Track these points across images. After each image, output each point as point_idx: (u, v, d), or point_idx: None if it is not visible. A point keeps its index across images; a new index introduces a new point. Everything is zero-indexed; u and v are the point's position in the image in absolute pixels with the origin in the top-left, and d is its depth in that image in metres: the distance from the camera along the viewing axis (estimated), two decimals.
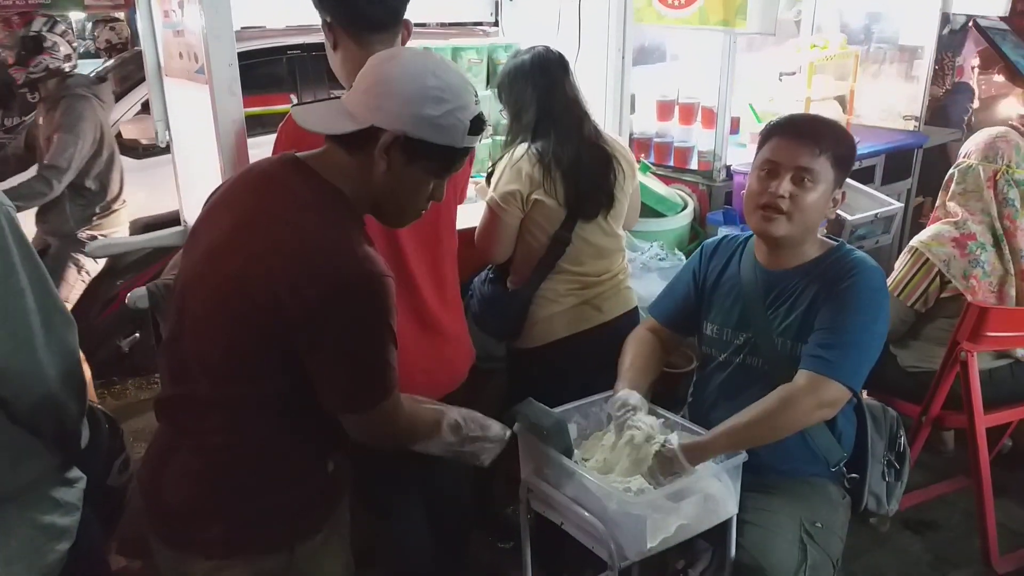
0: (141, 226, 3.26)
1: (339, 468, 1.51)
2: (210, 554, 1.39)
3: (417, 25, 2.08)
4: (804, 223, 1.79)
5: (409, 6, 1.87)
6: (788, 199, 1.75)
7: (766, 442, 1.73)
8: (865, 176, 3.74)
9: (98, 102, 3.65)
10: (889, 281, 2.72)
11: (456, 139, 1.36)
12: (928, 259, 2.62)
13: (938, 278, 2.62)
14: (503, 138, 2.87)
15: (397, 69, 1.35)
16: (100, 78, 4.25)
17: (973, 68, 5.12)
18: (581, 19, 2.58)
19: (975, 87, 5.18)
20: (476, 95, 1.40)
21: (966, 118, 5.10)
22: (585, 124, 2.24)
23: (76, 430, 1.46)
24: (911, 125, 4.13)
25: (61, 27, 3.65)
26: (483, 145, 2.87)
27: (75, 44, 3.82)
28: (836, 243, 1.89)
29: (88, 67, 6.32)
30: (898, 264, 2.74)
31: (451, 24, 3.22)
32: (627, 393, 1.83)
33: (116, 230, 3.73)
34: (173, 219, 2.78)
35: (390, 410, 1.40)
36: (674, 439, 1.66)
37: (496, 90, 2.32)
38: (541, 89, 2.18)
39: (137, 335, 3.73)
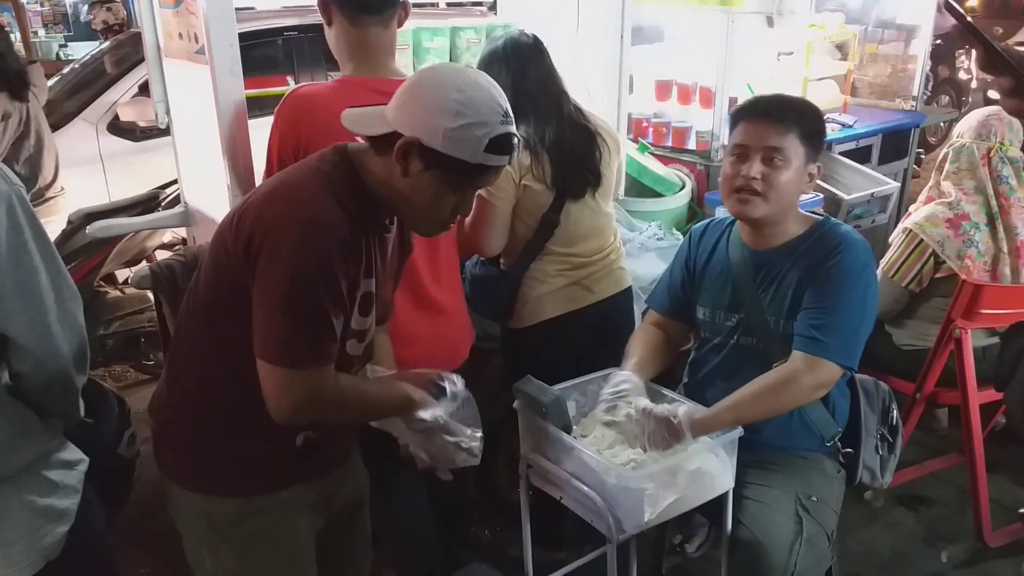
0: (83, 216, 3.13)
1: (310, 446, 1.53)
2: (174, 479, 1.53)
3: (419, 6, 2.09)
4: (780, 202, 1.81)
5: None
6: (761, 180, 1.78)
7: (766, 417, 1.77)
8: (862, 155, 3.75)
9: None
10: (883, 262, 2.75)
11: (468, 154, 1.36)
12: (922, 240, 2.64)
13: (932, 258, 2.65)
14: None
15: (429, 79, 1.40)
16: (30, 60, 4.14)
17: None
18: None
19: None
20: (507, 116, 1.40)
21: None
22: (564, 103, 2.22)
23: (77, 403, 1.48)
24: (908, 105, 4.14)
25: None
26: None
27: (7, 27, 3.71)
28: (820, 218, 1.91)
29: (84, 48, 6.31)
30: (892, 245, 2.76)
31: (451, 4, 3.20)
32: (624, 375, 1.84)
33: (52, 219, 3.50)
34: (121, 208, 2.74)
35: (303, 383, 1.35)
36: (680, 410, 1.69)
37: None
38: (515, 71, 2.16)
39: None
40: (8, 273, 1.28)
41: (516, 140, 1.43)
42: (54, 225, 3.39)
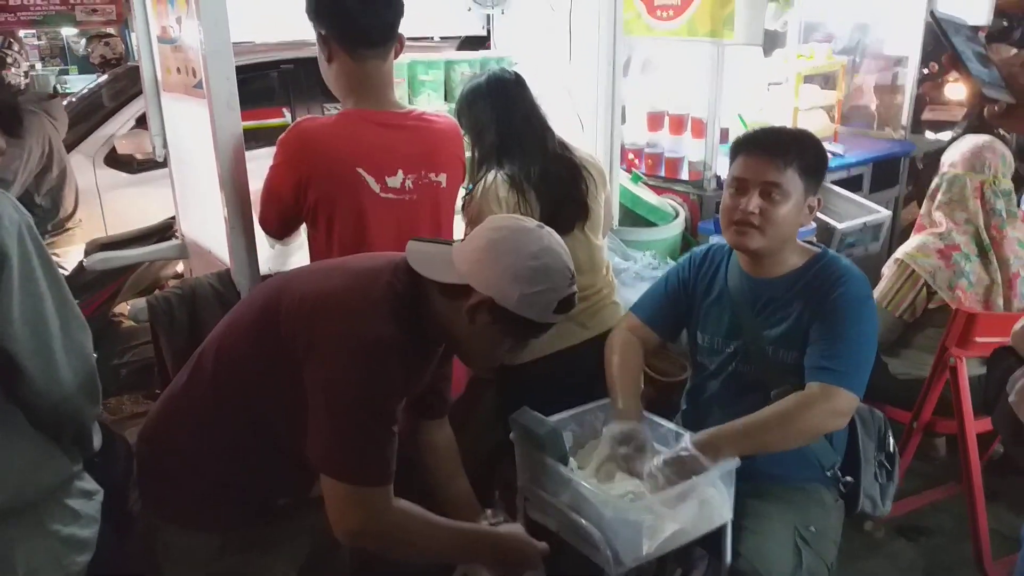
0: (98, 246, 3.20)
1: (290, 510, 1.58)
2: (156, 511, 1.56)
3: (412, 39, 2.12)
4: (777, 235, 1.81)
5: (405, 20, 1.91)
6: (759, 214, 1.79)
7: (777, 448, 1.74)
8: (853, 184, 3.78)
9: (48, 118, 3.64)
10: (876, 292, 2.75)
11: (538, 315, 1.46)
12: (914, 270, 2.65)
13: (924, 289, 2.65)
14: None
15: (507, 242, 1.47)
16: (51, 95, 4.23)
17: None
18: (572, 32, 2.61)
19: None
20: (572, 277, 1.50)
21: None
22: (548, 139, 2.24)
23: (90, 433, 1.50)
24: (898, 134, 4.18)
25: (16, 45, 3.65)
26: None
27: (30, 61, 3.82)
28: (819, 250, 1.92)
29: (82, 82, 6.35)
30: (884, 275, 2.77)
31: (445, 38, 3.24)
32: (629, 429, 1.81)
33: (70, 250, 3.58)
34: (136, 238, 2.78)
35: (371, 501, 1.38)
36: (686, 440, 1.68)
37: (456, 115, 2.29)
38: (499, 108, 2.19)
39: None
40: (16, 299, 1.29)
41: (576, 296, 1.52)
42: (73, 255, 3.49)
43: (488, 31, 3.09)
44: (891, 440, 2.05)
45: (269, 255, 2.14)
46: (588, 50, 2.69)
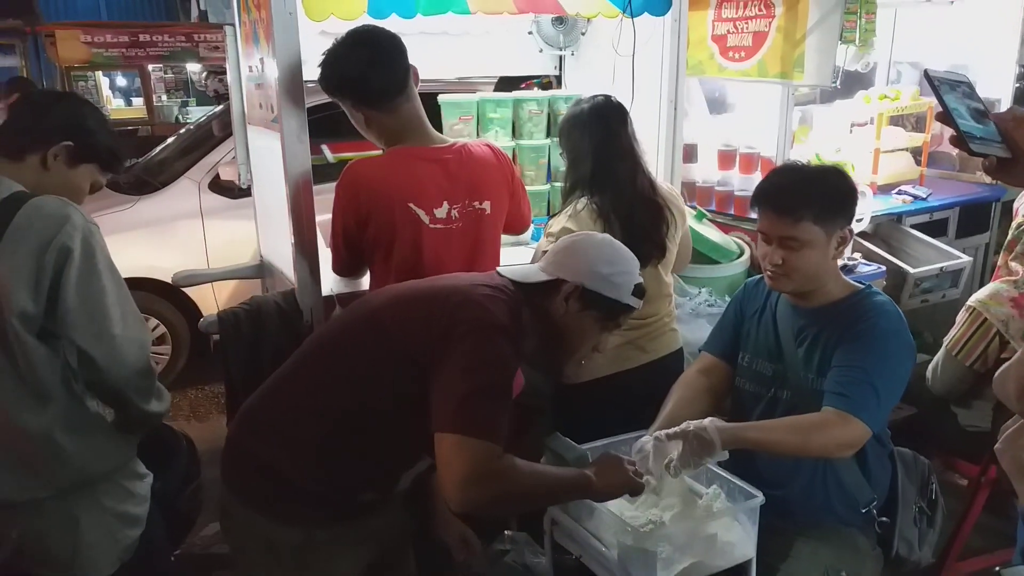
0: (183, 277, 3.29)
1: (372, 503, 1.70)
2: (242, 499, 1.64)
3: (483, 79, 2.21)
4: (808, 276, 1.87)
5: (478, 61, 2.04)
6: (782, 264, 1.86)
7: (788, 455, 1.81)
8: (937, 229, 3.66)
9: None
10: (947, 339, 2.67)
11: (622, 295, 1.73)
12: (986, 319, 2.56)
13: (997, 338, 2.55)
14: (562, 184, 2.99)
15: (583, 241, 1.80)
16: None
17: None
18: (635, 72, 2.68)
19: None
20: (638, 267, 1.80)
21: None
22: (639, 176, 2.31)
23: (147, 415, 1.67)
24: (988, 178, 4.02)
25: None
26: (542, 191, 2.99)
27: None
28: (862, 286, 1.94)
29: (199, 112, 6.86)
30: (956, 322, 2.68)
31: (513, 77, 3.38)
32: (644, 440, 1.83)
33: None
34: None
35: (488, 453, 1.47)
36: (708, 423, 1.70)
37: (558, 137, 2.42)
38: (597, 140, 2.26)
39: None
40: (77, 290, 1.49)
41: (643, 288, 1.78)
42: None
43: (560, 71, 3.21)
44: (935, 487, 2.02)
45: (333, 279, 2.29)
46: (651, 90, 2.75)
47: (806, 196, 1.84)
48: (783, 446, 1.75)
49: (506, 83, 3.51)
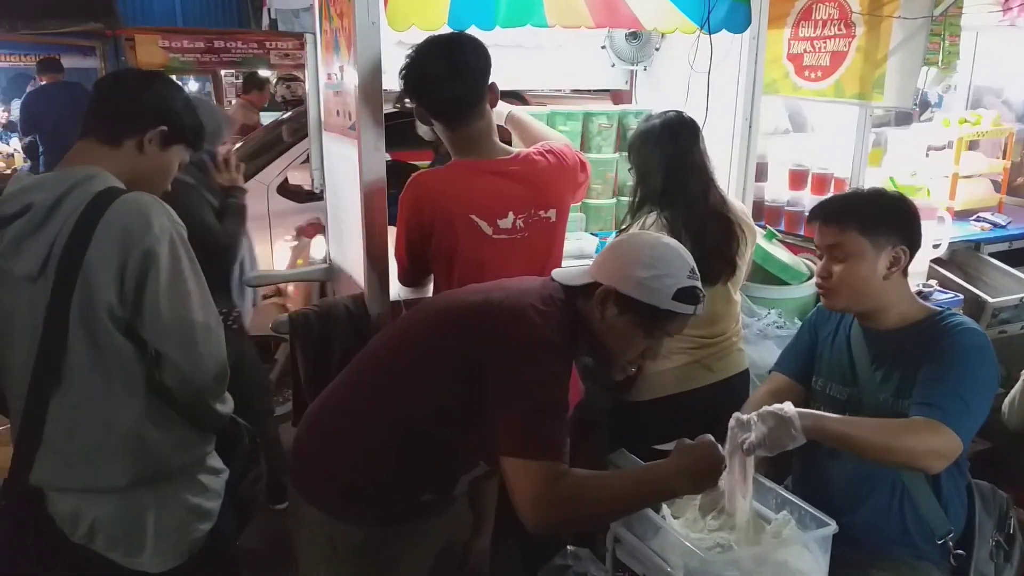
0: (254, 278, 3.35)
1: (432, 504, 1.70)
2: (308, 499, 1.67)
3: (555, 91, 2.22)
4: (854, 292, 1.84)
5: (550, 74, 2.03)
6: (829, 277, 1.84)
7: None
8: (1017, 258, 3.53)
9: None
10: None
11: (659, 301, 1.58)
12: None
13: None
14: (629, 199, 2.98)
15: (627, 241, 1.70)
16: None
17: None
18: (710, 89, 2.65)
19: None
20: (693, 272, 1.63)
21: None
22: (711, 192, 2.30)
23: (221, 418, 1.70)
24: None
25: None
26: (608, 205, 2.98)
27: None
28: (940, 309, 1.90)
29: (270, 117, 7.03)
30: None
31: (576, 91, 3.38)
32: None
33: None
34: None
35: (555, 473, 1.45)
36: (786, 404, 1.66)
37: (627, 151, 2.41)
38: (668, 155, 2.25)
39: None
40: (166, 296, 1.51)
41: (701, 294, 1.64)
42: None
43: (632, 86, 3.20)
44: (1013, 522, 1.95)
45: (399, 285, 2.31)
46: (726, 108, 2.72)
47: (854, 206, 1.86)
48: (866, 443, 1.66)
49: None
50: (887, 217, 1.84)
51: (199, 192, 2.71)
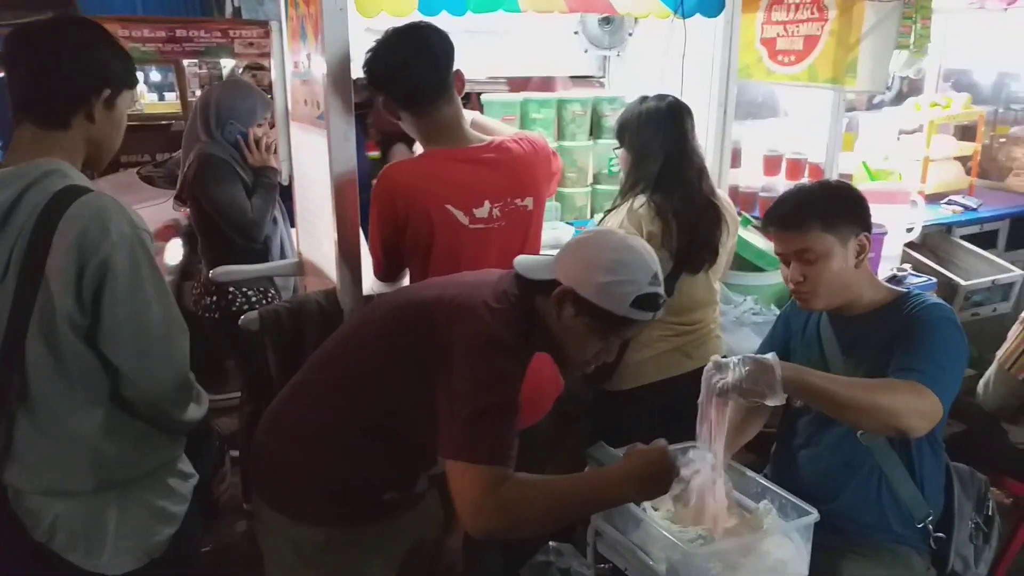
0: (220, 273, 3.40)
1: (395, 502, 1.67)
2: (269, 502, 1.65)
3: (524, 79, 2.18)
4: (834, 288, 1.83)
5: (522, 61, 1.98)
6: (804, 280, 1.82)
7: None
8: (987, 240, 3.57)
9: None
10: (1000, 352, 2.59)
11: (616, 307, 1.53)
12: None
13: None
14: (604, 187, 2.95)
15: (592, 241, 1.63)
16: None
17: None
18: (684, 75, 2.63)
19: None
20: (655, 279, 1.56)
21: None
22: (704, 179, 2.30)
23: (186, 425, 1.64)
24: None
25: None
26: (584, 192, 2.94)
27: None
28: (904, 290, 1.91)
29: None
30: (1009, 335, 2.61)
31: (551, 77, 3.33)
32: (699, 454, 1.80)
33: None
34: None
35: (499, 479, 1.41)
36: (772, 356, 1.64)
37: (618, 131, 2.37)
38: (672, 140, 2.24)
39: None
40: (123, 306, 1.45)
41: (662, 300, 1.58)
42: None
43: (605, 72, 3.17)
44: (991, 504, 1.98)
45: (372, 279, 2.26)
46: (700, 93, 2.70)
47: (808, 206, 1.83)
48: (848, 400, 1.64)
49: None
50: (842, 209, 1.84)
51: (232, 167, 2.85)
